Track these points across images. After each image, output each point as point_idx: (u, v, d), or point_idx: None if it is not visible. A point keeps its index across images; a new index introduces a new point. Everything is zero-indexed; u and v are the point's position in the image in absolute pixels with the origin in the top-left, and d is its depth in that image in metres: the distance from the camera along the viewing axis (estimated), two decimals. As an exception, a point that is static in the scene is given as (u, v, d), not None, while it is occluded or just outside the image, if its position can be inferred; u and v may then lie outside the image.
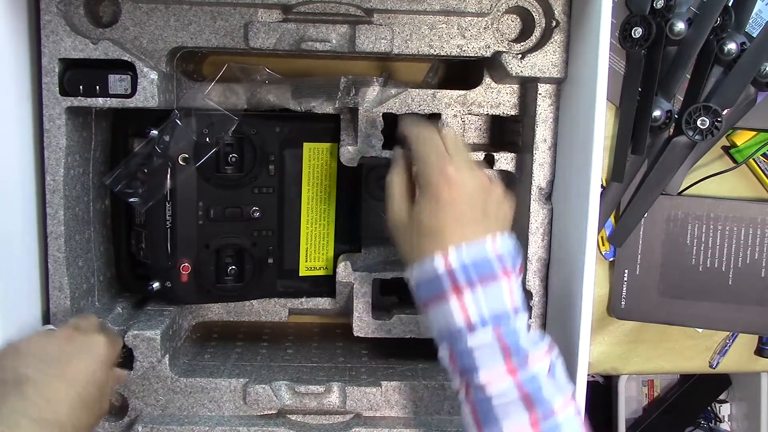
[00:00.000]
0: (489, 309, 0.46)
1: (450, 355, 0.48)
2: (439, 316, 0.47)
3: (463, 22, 0.61)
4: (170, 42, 0.60)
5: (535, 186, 0.63)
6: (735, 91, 0.69)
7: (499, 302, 0.47)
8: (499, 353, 0.46)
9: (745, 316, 0.76)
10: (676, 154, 0.72)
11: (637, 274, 0.76)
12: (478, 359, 0.46)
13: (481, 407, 0.46)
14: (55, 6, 0.57)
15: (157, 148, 0.61)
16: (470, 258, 0.47)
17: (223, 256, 0.66)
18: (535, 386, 0.46)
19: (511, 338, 0.46)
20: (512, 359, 0.46)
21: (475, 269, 0.46)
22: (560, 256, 0.62)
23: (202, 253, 0.65)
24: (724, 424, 1.16)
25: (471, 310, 0.46)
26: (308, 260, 0.71)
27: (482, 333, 0.46)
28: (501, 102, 0.66)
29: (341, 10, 0.60)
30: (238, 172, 0.65)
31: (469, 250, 0.47)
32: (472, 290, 0.46)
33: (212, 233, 0.65)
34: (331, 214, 0.71)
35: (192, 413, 0.64)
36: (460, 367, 0.47)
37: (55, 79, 0.57)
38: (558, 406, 0.45)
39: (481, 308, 0.46)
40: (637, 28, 0.69)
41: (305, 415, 0.65)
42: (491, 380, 0.45)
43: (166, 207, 0.62)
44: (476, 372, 0.46)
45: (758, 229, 0.75)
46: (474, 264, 0.47)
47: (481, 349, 0.46)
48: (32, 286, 0.59)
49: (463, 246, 0.47)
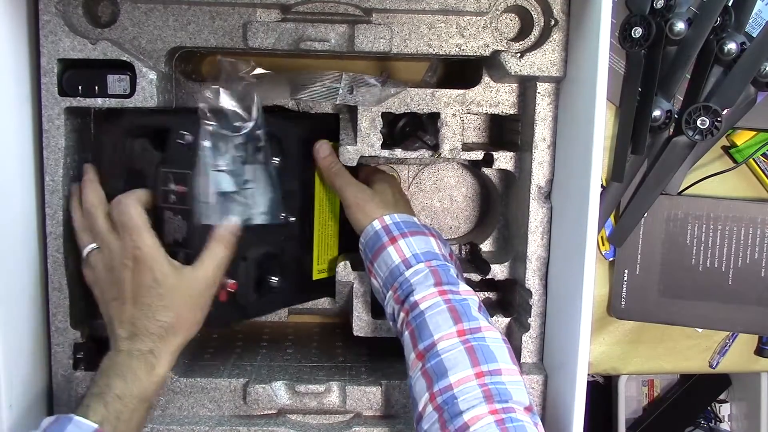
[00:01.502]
0: (420, 249, 0.57)
1: (394, 294, 0.56)
2: (382, 264, 0.57)
3: (461, 21, 0.61)
4: (169, 42, 0.60)
5: (535, 185, 0.63)
6: (735, 91, 0.69)
7: (429, 247, 0.57)
8: (431, 278, 0.54)
9: (745, 316, 0.76)
10: (676, 154, 0.72)
11: (637, 274, 0.76)
12: (414, 284, 0.55)
13: (416, 324, 0.52)
14: (53, 6, 0.57)
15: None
16: (399, 218, 0.59)
17: (262, 267, 0.62)
18: (463, 305, 0.53)
19: (443, 270, 0.56)
20: (443, 285, 0.54)
21: (405, 225, 0.59)
22: (560, 255, 0.62)
23: (241, 267, 0.59)
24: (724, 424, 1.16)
25: (405, 250, 0.56)
26: (319, 263, 0.69)
27: (416, 266, 0.55)
28: (500, 101, 0.66)
29: (340, 9, 0.60)
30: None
31: (398, 215, 0.60)
32: (404, 238, 0.57)
33: (246, 243, 0.58)
34: (337, 215, 0.70)
35: (192, 413, 0.64)
36: (402, 297, 0.55)
37: (54, 80, 0.57)
38: (484, 325, 0.52)
39: (414, 248, 0.57)
40: (637, 28, 0.69)
41: (305, 414, 0.65)
42: (424, 297, 0.53)
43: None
44: (412, 294, 0.54)
45: (758, 229, 0.75)
46: (403, 222, 0.59)
47: (415, 276, 0.55)
48: (32, 287, 0.59)
49: (395, 214, 0.60)
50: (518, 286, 0.68)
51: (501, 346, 0.51)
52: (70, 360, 0.61)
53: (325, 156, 0.64)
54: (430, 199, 0.77)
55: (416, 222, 0.60)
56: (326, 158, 0.64)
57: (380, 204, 0.61)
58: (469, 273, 0.69)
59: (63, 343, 0.61)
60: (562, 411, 0.59)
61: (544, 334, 0.65)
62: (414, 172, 0.77)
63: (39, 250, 0.59)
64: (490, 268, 0.68)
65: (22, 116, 0.57)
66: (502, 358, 0.50)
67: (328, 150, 0.64)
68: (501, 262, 0.69)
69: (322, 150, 0.64)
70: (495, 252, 0.73)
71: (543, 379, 0.64)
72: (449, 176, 0.77)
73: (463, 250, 0.76)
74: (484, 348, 0.50)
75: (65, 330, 0.60)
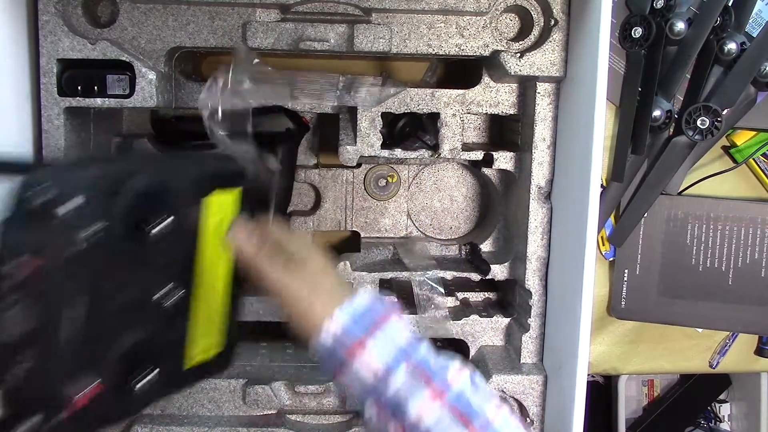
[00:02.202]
0: (391, 353, 0.46)
1: (376, 403, 0.47)
2: (353, 381, 0.47)
3: (461, 21, 0.61)
4: (168, 42, 0.60)
5: (534, 185, 0.63)
6: (735, 91, 0.69)
7: (398, 340, 0.47)
8: (420, 381, 0.46)
9: (745, 316, 0.76)
10: (676, 154, 0.72)
11: (637, 274, 0.76)
12: (402, 395, 0.45)
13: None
14: (53, 6, 0.57)
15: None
16: (348, 311, 0.47)
17: (132, 360, 0.48)
18: (463, 402, 0.45)
19: (423, 363, 0.47)
20: (435, 383, 0.46)
21: (361, 319, 0.47)
22: (560, 255, 0.62)
23: (106, 363, 0.46)
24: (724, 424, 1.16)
25: (374, 362, 0.46)
26: (196, 345, 0.53)
27: (396, 374, 0.46)
28: (500, 101, 0.65)
29: (339, 9, 0.60)
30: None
31: (347, 308, 0.48)
32: (366, 343, 0.46)
33: (112, 331, 0.46)
34: (226, 277, 0.54)
35: (191, 413, 0.64)
36: (390, 408, 0.46)
37: (53, 80, 0.57)
38: (491, 413, 0.45)
39: (384, 355, 0.46)
40: (637, 28, 0.69)
41: (305, 415, 0.65)
42: (422, 411, 0.45)
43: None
44: (406, 408, 0.45)
45: (758, 229, 0.75)
46: (356, 315, 0.47)
47: (401, 386, 0.45)
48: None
49: (344, 309, 0.47)
50: (518, 287, 0.68)
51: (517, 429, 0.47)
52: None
53: (243, 244, 0.51)
54: (430, 199, 0.77)
55: (366, 303, 0.48)
56: (245, 246, 0.50)
57: (318, 290, 0.49)
58: (469, 273, 0.69)
59: (62, 343, 0.60)
60: (562, 411, 0.59)
61: (544, 335, 0.65)
62: (414, 172, 0.77)
63: (38, 251, 0.59)
64: (490, 268, 0.68)
65: (21, 116, 0.57)
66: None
67: (245, 235, 0.51)
68: (501, 262, 0.69)
69: (239, 236, 0.51)
70: (495, 252, 0.73)
71: (543, 379, 0.64)
72: (449, 176, 0.77)
73: (463, 250, 0.76)
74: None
75: (65, 330, 0.60)
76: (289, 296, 0.49)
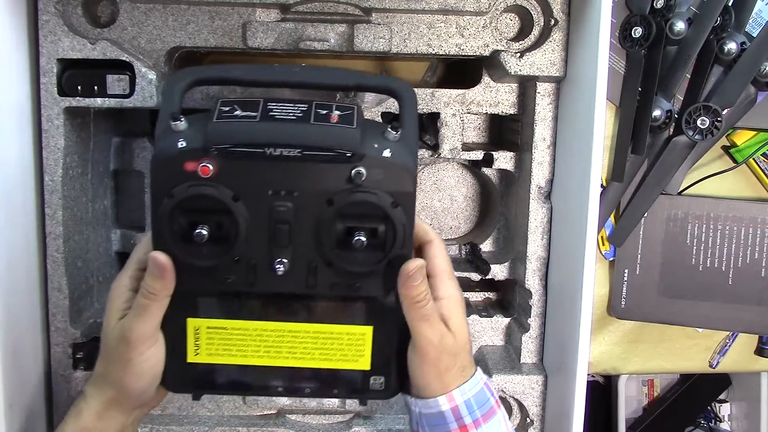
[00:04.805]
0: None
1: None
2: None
3: (461, 20, 0.61)
4: (168, 42, 0.60)
5: (534, 185, 0.63)
6: (735, 90, 0.69)
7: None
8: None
9: (745, 316, 0.76)
10: (676, 154, 0.72)
11: (637, 274, 0.76)
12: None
13: None
14: (53, 6, 0.57)
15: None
16: (471, 392, 0.47)
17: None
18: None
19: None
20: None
21: (477, 404, 0.47)
22: (560, 255, 0.62)
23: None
24: (724, 424, 1.16)
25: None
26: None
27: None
28: (500, 101, 0.65)
29: (339, 9, 0.60)
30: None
31: (470, 388, 0.47)
32: (476, 429, 0.46)
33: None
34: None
35: (191, 413, 0.64)
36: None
37: (53, 80, 0.57)
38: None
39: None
40: (637, 28, 0.69)
41: (305, 414, 0.65)
42: None
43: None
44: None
45: (758, 229, 0.75)
46: (475, 399, 0.47)
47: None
48: (31, 287, 0.59)
49: (466, 386, 0.47)
50: (518, 286, 0.68)
51: None
52: (69, 360, 0.61)
53: (418, 284, 0.45)
54: (430, 199, 0.77)
55: (485, 391, 0.48)
56: (419, 287, 0.45)
57: (459, 363, 0.47)
58: (469, 273, 0.69)
59: (62, 342, 0.61)
60: (562, 411, 0.59)
61: (543, 335, 0.65)
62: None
63: (39, 250, 0.59)
64: (490, 268, 0.68)
65: (21, 116, 0.57)
66: None
67: (422, 276, 0.45)
68: (501, 262, 0.69)
69: (419, 275, 0.45)
70: (495, 252, 0.73)
71: (543, 379, 0.64)
72: (449, 176, 0.77)
73: (463, 250, 0.76)
74: None
75: (65, 330, 0.60)
76: (437, 344, 0.46)
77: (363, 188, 0.43)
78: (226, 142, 0.42)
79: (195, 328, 0.47)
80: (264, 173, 0.43)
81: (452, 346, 0.46)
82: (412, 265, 0.44)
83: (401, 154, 0.44)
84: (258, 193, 0.43)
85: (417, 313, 0.45)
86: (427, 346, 0.45)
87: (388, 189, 0.43)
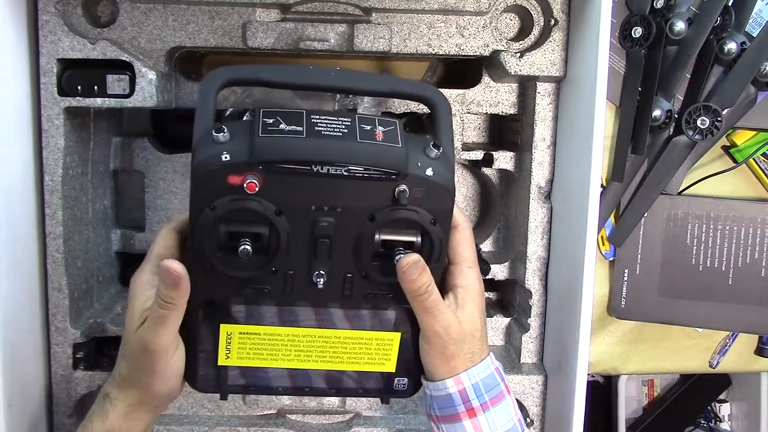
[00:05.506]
0: (502, 428, 0.48)
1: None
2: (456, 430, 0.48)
3: (461, 20, 0.61)
4: (168, 42, 0.60)
5: (534, 185, 0.63)
6: (735, 90, 0.69)
7: (510, 419, 0.48)
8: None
9: (745, 316, 0.76)
10: (676, 154, 0.72)
11: (637, 274, 0.76)
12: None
13: None
14: (53, 6, 0.57)
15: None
16: (479, 376, 0.48)
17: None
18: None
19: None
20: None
21: (485, 387, 0.48)
22: (560, 255, 0.62)
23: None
24: (724, 424, 1.16)
25: (485, 429, 0.47)
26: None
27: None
28: (500, 101, 0.65)
29: (339, 9, 0.60)
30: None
31: (478, 371, 0.48)
32: (484, 411, 0.47)
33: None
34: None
35: (191, 413, 0.64)
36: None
37: (53, 80, 0.57)
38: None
39: (495, 428, 0.47)
40: (637, 28, 0.69)
41: (305, 414, 0.65)
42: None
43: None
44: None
45: (758, 229, 0.75)
46: (483, 383, 0.48)
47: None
48: (31, 287, 0.59)
49: (474, 369, 0.48)
50: (518, 286, 0.68)
51: None
52: (69, 359, 0.61)
53: (415, 278, 0.45)
54: (430, 199, 0.77)
55: (494, 375, 0.49)
56: (417, 281, 0.45)
57: (466, 349, 0.47)
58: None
59: (63, 342, 0.60)
60: (562, 411, 0.59)
61: (544, 335, 0.65)
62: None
63: (39, 250, 0.59)
64: (490, 268, 0.68)
65: (21, 116, 0.57)
66: None
67: (419, 271, 0.45)
68: (501, 262, 0.69)
69: (414, 270, 0.45)
70: (495, 252, 0.73)
71: (543, 379, 0.64)
72: (449, 176, 0.77)
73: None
74: None
75: (65, 330, 0.60)
76: (443, 331, 0.46)
77: (405, 206, 0.44)
78: (273, 159, 0.41)
79: (227, 333, 0.48)
80: (309, 189, 0.43)
81: (458, 334, 0.46)
82: (404, 262, 0.45)
83: (441, 171, 0.45)
84: (301, 208, 0.43)
85: (420, 305, 0.46)
86: (432, 336, 0.46)
87: (428, 207, 0.44)
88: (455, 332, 0.46)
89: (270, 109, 0.44)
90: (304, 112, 0.44)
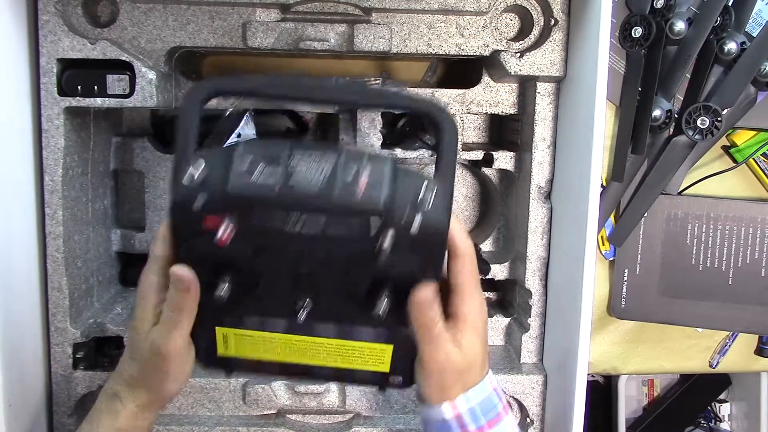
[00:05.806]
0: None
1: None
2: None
3: (461, 20, 0.61)
4: (168, 42, 0.60)
5: (534, 185, 0.63)
6: (735, 90, 0.69)
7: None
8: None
9: (745, 315, 0.76)
10: (676, 154, 0.72)
11: (637, 274, 0.76)
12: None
13: None
14: (53, 6, 0.57)
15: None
16: (476, 399, 0.46)
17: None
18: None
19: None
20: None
21: (482, 411, 0.46)
22: (560, 255, 0.62)
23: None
24: (724, 424, 1.16)
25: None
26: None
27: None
28: (500, 101, 0.65)
29: (339, 9, 0.59)
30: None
31: (474, 394, 0.46)
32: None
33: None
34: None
35: (191, 413, 0.64)
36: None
37: (53, 80, 0.57)
38: None
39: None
40: (637, 28, 0.69)
41: (305, 414, 0.65)
42: None
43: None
44: None
45: (758, 228, 0.75)
46: (480, 406, 0.46)
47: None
48: (31, 287, 0.59)
49: (471, 392, 0.46)
50: (518, 286, 0.68)
51: None
52: (69, 359, 0.61)
53: (428, 311, 0.44)
54: (430, 199, 0.77)
55: (492, 396, 0.47)
56: (429, 314, 0.44)
57: (465, 374, 0.46)
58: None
59: (62, 342, 0.61)
60: (562, 411, 0.59)
61: (544, 334, 0.65)
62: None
63: (39, 250, 0.59)
64: (490, 268, 0.68)
65: (21, 116, 0.57)
66: None
67: (431, 296, 0.44)
68: (501, 262, 0.69)
69: (427, 301, 0.44)
70: (495, 252, 0.73)
71: (543, 379, 0.64)
72: (449, 176, 0.77)
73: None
74: None
75: (65, 330, 0.60)
76: (443, 359, 0.45)
77: (388, 259, 0.41)
78: (245, 211, 0.40)
79: (223, 334, 0.48)
80: (285, 239, 0.41)
81: (458, 364, 0.45)
82: (421, 296, 0.43)
83: (434, 215, 0.41)
84: (279, 251, 0.42)
85: (425, 336, 0.45)
86: (431, 365, 0.45)
87: (416, 253, 0.42)
88: (455, 361, 0.45)
89: (251, 143, 0.43)
90: (287, 147, 0.41)
